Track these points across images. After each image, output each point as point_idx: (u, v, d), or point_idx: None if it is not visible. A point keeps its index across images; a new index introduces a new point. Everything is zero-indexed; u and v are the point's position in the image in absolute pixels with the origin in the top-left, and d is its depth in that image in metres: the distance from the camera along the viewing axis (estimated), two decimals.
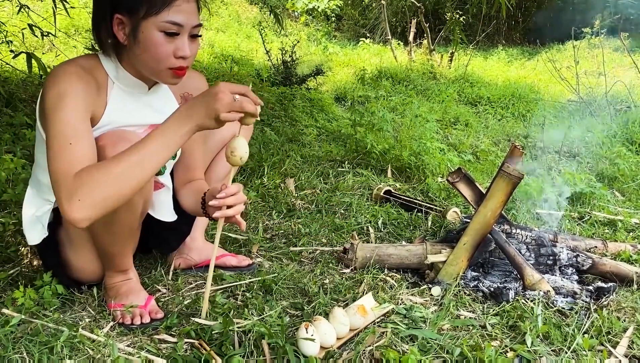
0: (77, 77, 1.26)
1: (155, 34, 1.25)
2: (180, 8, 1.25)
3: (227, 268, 1.79)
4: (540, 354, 1.36)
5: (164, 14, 1.24)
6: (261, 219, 2.25)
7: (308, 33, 9.88)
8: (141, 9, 1.23)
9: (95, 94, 1.31)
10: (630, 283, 1.78)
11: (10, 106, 3.07)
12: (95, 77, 1.31)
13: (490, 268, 1.85)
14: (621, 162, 3.31)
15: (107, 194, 1.15)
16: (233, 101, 1.21)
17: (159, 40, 1.26)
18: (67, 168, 1.16)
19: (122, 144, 1.27)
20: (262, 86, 4.55)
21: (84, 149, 1.20)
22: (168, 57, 1.28)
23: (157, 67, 1.30)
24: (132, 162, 1.17)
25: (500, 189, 1.71)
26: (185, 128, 1.21)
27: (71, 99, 1.22)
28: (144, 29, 1.25)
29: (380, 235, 2.19)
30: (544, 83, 6.91)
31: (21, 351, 1.25)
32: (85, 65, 1.31)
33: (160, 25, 1.25)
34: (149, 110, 1.44)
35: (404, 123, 3.73)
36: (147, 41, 1.26)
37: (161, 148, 1.20)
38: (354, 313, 1.43)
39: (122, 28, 1.27)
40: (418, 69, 6.67)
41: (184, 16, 1.26)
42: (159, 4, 1.23)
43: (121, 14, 1.25)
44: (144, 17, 1.24)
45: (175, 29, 1.26)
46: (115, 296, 1.50)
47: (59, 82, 1.23)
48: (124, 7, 1.24)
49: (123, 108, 1.37)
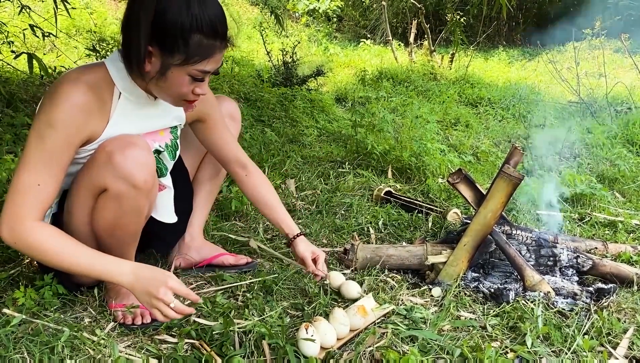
0: (75, 108, 1.24)
1: (183, 78, 1.26)
2: (215, 59, 1.27)
3: (226, 267, 1.79)
4: (541, 355, 1.36)
5: (199, 65, 1.25)
6: (262, 220, 2.25)
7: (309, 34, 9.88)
8: (177, 55, 1.22)
9: (98, 114, 1.30)
10: (631, 284, 1.78)
11: (11, 106, 3.08)
12: (100, 95, 1.30)
13: (491, 269, 1.85)
14: (621, 163, 3.31)
15: (31, 255, 1.31)
16: (168, 302, 1.24)
17: (185, 82, 1.27)
18: (26, 207, 1.22)
19: (131, 148, 1.27)
20: (262, 87, 4.55)
21: (48, 194, 1.24)
22: (188, 94, 1.31)
23: (173, 99, 1.33)
24: (64, 262, 1.25)
25: (500, 190, 1.71)
26: (118, 278, 1.26)
27: (58, 131, 1.22)
28: (174, 70, 1.25)
29: (380, 235, 2.19)
30: (544, 84, 6.91)
31: (22, 351, 1.26)
32: (91, 81, 1.28)
33: (191, 73, 1.26)
34: (152, 117, 1.44)
35: (405, 124, 3.74)
36: (173, 81, 1.27)
37: (91, 269, 1.26)
38: (354, 313, 1.43)
39: (151, 59, 1.24)
40: (419, 70, 6.67)
41: (215, 65, 1.28)
42: (198, 58, 1.23)
43: (154, 48, 1.22)
44: (178, 64, 1.23)
45: (202, 76, 1.28)
46: (116, 297, 1.50)
47: (54, 108, 1.22)
48: (161, 45, 1.22)
49: (128, 118, 1.36)
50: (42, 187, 1.23)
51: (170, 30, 1.19)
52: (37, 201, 1.23)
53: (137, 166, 1.28)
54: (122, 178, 1.27)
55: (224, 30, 1.26)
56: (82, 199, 1.34)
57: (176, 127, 1.56)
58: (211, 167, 1.81)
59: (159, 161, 1.48)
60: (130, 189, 1.29)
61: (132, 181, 1.28)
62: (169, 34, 1.20)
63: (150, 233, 1.56)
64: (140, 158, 1.29)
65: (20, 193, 1.21)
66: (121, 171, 1.27)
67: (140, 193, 1.31)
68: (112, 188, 1.29)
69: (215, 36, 1.24)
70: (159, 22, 1.19)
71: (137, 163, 1.28)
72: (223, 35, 1.26)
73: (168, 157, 1.51)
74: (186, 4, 1.19)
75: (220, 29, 1.24)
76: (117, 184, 1.28)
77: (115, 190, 1.29)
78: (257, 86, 4.59)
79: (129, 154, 1.27)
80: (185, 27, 1.19)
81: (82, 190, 1.33)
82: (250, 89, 4.41)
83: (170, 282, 1.25)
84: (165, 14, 1.18)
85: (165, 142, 1.50)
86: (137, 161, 1.28)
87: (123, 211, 1.33)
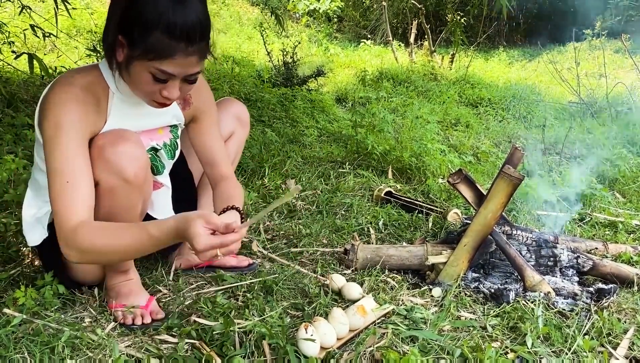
0: (75, 104, 1.25)
1: (144, 74, 1.23)
2: (175, 61, 1.20)
3: (227, 269, 1.79)
4: (541, 355, 1.36)
5: (156, 63, 1.20)
6: (262, 220, 2.25)
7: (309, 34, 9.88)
8: (137, 49, 1.20)
9: (95, 112, 1.31)
10: (631, 285, 1.78)
11: (11, 106, 3.08)
12: (94, 94, 1.31)
13: (491, 269, 1.85)
14: (622, 163, 3.31)
15: (94, 260, 1.34)
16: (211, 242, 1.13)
17: (147, 80, 1.24)
18: (67, 213, 1.21)
19: (122, 143, 1.28)
20: (263, 87, 4.55)
21: (81, 188, 1.23)
22: (154, 93, 1.27)
23: (142, 96, 1.31)
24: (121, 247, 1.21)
25: (500, 191, 1.71)
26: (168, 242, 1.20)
27: (67, 130, 1.23)
28: (136, 64, 1.22)
29: (381, 236, 2.19)
30: (544, 85, 6.91)
31: (22, 351, 1.26)
32: (84, 82, 1.29)
33: (150, 70, 1.22)
34: (149, 116, 1.44)
35: (405, 124, 3.73)
36: (136, 76, 1.25)
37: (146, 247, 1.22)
38: (354, 313, 1.43)
39: (122, 49, 1.24)
40: (419, 71, 6.67)
41: (177, 68, 1.22)
42: (154, 55, 1.19)
43: (123, 38, 1.22)
44: (137, 57, 1.21)
45: (164, 77, 1.23)
46: (117, 297, 1.50)
47: (56, 110, 1.24)
48: (127, 35, 1.21)
49: (124, 117, 1.37)
50: (72, 183, 1.22)
51: (135, 22, 1.19)
52: (75, 200, 1.22)
53: (128, 160, 1.29)
54: (113, 172, 1.28)
55: (191, 35, 1.18)
56: None
57: (176, 126, 1.56)
58: None
59: (155, 158, 1.48)
60: (121, 183, 1.29)
61: (123, 175, 1.29)
62: (134, 25, 1.19)
63: None
64: (130, 152, 1.29)
65: (56, 201, 1.22)
66: (111, 165, 1.27)
67: (131, 187, 1.32)
68: (103, 182, 1.29)
69: (179, 38, 1.17)
70: (128, 13, 1.19)
71: (128, 157, 1.29)
72: (190, 39, 1.18)
73: (166, 156, 1.51)
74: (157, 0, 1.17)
75: (187, 32, 1.17)
76: (108, 178, 1.28)
77: (107, 184, 1.29)
78: (257, 86, 4.59)
79: (120, 148, 1.28)
80: (147, 22, 1.17)
81: None
82: (250, 90, 4.41)
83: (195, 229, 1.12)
84: (134, 5, 1.19)
85: (163, 141, 1.51)
86: (127, 155, 1.29)
87: (116, 206, 1.33)
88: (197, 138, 1.59)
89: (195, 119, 1.58)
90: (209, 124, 1.59)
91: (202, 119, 1.58)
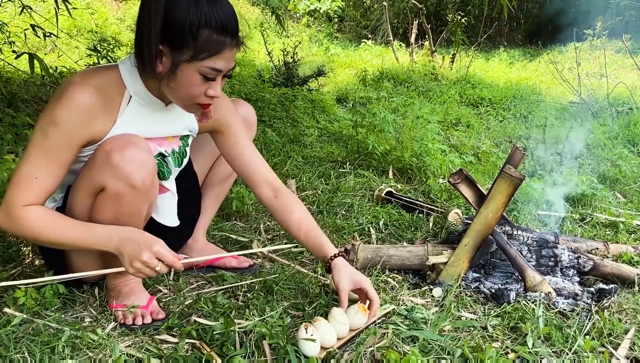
0: (81, 109, 1.25)
1: (194, 76, 1.25)
2: (224, 56, 1.25)
3: (228, 269, 1.79)
4: (542, 355, 1.36)
5: (208, 61, 1.24)
6: (262, 220, 2.25)
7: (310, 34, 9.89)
8: (187, 51, 1.22)
9: (103, 114, 1.30)
10: (632, 285, 1.78)
11: (12, 106, 3.08)
12: (108, 95, 1.30)
13: (492, 270, 1.85)
14: (623, 164, 3.31)
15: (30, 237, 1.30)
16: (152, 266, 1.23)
17: (196, 81, 1.26)
18: (22, 195, 1.24)
19: (129, 148, 1.27)
20: (263, 87, 4.55)
21: (45, 186, 1.26)
22: (200, 95, 1.29)
23: (186, 102, 1.32)
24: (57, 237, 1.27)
25: (501, 191, 1.71)
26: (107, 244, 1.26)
27: (60, 132, 1.24)
28: (184, 68, 1.24)
29: (381, 236, 2.19)
30: (545, 85, 6.91)
31: (23, 351, 1.25)
32: (100, 85, 1.29)
33: (201, 70, 1.25)
34: (162, 123, 1.43)
35: (406, 124, 3.74)
36: (184, 80, 1.26)
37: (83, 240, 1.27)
38: (356, 312, 1.43)
39: (162, 58, 1.25)
40: (419, 71, 6.68)
41: (226, 63, 1.27)
42: (206, 53, 1.22)
43: (164, 46, 1.23)
44: (187, 60, 1.23)
45: (214, 75, 1.27)
46: (117, 297, 1.50)
47: (60, 107, 1.24)
48: (170, 42, 1.22)
49: (135, 122, 1.36)
50: (39, 181, 1.25)
51: (179, 27, 1.20)
52: (34, 192, 1.25)
53: (135, 165, 1.28)
54: (120, 178, 1.27)
55: (233, 28, 1.25)
56: (82, 198, 1.34)
57: (187, 136, 1.55)
58: (221, 171, 1.79)
59: (162, 164, 1.47)
60: (128, 188, 1.29)
61: (130, 181, 1.28)
62: (178, 31, 1.20)
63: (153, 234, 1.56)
64: (138, 157, 1.29)
65: (18, 184, 1.24)
66: (119, 171, 1.26)
67: (138, 193, 1.31)
68: (110, 187, 1.28)
69: (225, 32, 1.23)
70: (169, 21, 1.20)
71: (135, 162, 1.28)
72: (233, 32, 1.25)
73: (173, 163, 1.50)
74: (195, 1, 1.20)
75: (229, 26, 1.24)
76: (115, 184, 1.28)
77: (113, 189, 1.29)
78: (258, 86, 4.59)
79: (127, 153, 1.27)
80: (194, 23, 1.19)
81: (82, 188, 1.33)
82: (251, 90, 4.41)
83: (156, 247, 1.24)
84: (174, 12, 1.20)
85: (172, 148, 1.49)
86: (135, 160, 1.28)
87: (121, 211, 1.32)
88: (230, 151, 1.58)
89: (220, 131, 1.56)
90: (236, 134, 1.57)
91: (227, 131, 1.56)
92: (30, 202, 1.24)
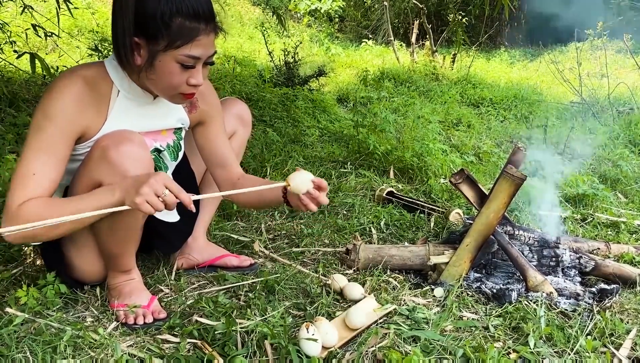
0: (72, 97, 1.26)
1: (172, 65, 1.25)
2: (200, 42, 1.25)
3: (229, 269, 1.79)
4: (543, 355, 1.36)
5: (184, 49, 1.24)
6: (263, 220, 2.25)
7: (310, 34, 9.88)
8: (161, 41, 1.22)
9: (94, 108, 1.31)
10: (633, 285, 1.78)
11: (13, 106, 3.08)
12: (97, 90, 1.31)
13: (493, 270, 1.84)
14: (624, 164, 3.31)
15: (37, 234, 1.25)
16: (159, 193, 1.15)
17: (175, 70, 1.26)
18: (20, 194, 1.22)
19: (125, 143, 1.27)
20: (264, 87, 4.55)
21: (44, 182, 1.24)
22: (181, 84, 1.29)
23: (169, 92, 1.32)
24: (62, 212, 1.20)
25: (503, 191, 1.71)
26: (111, 198, 1.21)
27: (55, 124, 1.25)
28: (161, 58, 1.24)
29: (382, 236, 2.19)
30: (546, 85, 6.90)
31: (24, 350, 1.26)
32: (88, 76, 1.30)
33: (178, 58, 1.25)
34: (153, 117, 1.44)
35: (407, 124, 3.73)
36: (162, 69, 1.26)
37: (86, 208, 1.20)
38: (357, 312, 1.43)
39: (139, 51, 1.26)
40: (420, 71, 6.67)
41: (203, 50, 1.26)
42: (181, 41, 1.22)
43: (140, 39, 1.24)
44: (163, 50, 1.23)
45: (192, 62, 1.26)
46: (118, 296, 1.50)
47: (50, 100, 1.25)
48: (144, 34, 1.23)
49: (126, 116, 1.37)
50: (37, 176, 1.24)
51: (151, 18, 1.20)
52: (31, 189, 1.23)
53: (132, 161, 1.28)
54: (116, 173, 1.27)
55: (206, 14, 1.24)
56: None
57: (180, 129, 1.55)
58: None
59: (159, 159, 1.48)
60: None
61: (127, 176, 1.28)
62: (150, 21, 1.21)
63: (154, 232, 1.57)
64: (134, 153, 1.29)
65: (15, 186, 1.23)
66: (116, 166, 1.27)
67: None
68: (107, 183, 1.28)
69: (198, 19, 1.23)
70: (141, 12, 1.21)
71: (132, 158, 1.28)
72: (206, 18, 1.24)
73: (169, 157, 1.51)
74: None
75: (202, 11, 1.23)
76: (112, 180, 1.27)
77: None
78: (258, 86, 4.59)
79: (124, 149, 1.27)
80: (165, 12, 1.20)
81: (80, 186, 1.33)
82: (252, 89, 4.41)
83: (161, 175, 1.18)
84: (145, 3, 1.20)
85: (167, 142, 1.50)
86: (131, 156, 1.28)
87: None
88: (205, 141, 1.59)
89: (202, 123, 1.58)
90: (216, 127, 1.59)
91: (210, 123, 1.58)
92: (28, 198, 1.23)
